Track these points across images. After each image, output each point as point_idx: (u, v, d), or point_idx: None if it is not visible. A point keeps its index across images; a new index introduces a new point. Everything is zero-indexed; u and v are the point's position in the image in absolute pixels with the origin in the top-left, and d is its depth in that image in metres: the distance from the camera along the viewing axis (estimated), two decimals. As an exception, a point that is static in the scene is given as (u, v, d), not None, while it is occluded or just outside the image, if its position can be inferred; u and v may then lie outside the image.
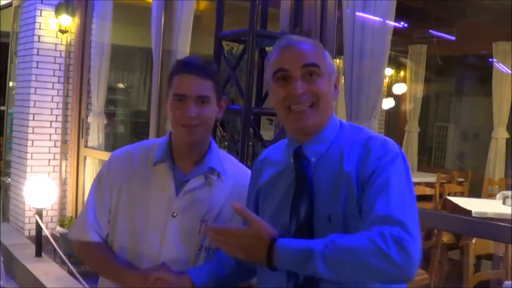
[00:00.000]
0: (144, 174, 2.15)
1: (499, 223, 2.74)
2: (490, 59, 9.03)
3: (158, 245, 2.09)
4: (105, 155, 6.49)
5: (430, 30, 9.42)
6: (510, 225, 2.56)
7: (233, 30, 3.74)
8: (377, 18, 3.77)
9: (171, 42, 5.31)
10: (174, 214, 2.10)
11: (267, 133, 4.05)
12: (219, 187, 2.17)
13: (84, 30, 6.86)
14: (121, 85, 10.72)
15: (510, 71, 8.62)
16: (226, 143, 3.77)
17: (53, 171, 7.14)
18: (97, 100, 6.89)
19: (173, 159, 2.15)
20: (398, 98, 10.98)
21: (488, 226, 2.93)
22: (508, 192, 7.07)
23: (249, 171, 2.31)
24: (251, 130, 3.51)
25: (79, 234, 2.22)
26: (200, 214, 2.12)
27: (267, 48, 3.85)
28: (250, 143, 3.53)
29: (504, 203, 6.24)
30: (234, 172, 2.24)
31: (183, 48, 5.30)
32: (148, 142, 2.29)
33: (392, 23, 3.81)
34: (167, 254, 2.09)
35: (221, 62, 3.80)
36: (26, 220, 6.98)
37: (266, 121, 3.91)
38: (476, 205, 5.95)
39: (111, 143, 8.67)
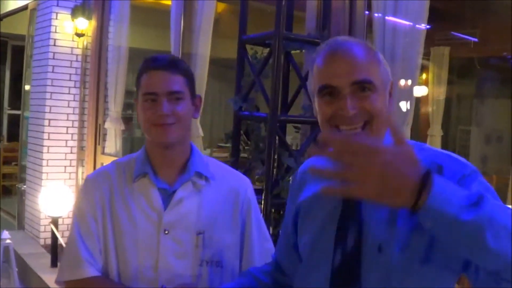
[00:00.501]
0: (125, 192, 1.96)
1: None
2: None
3: (153, 267, 1.90)
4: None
5: (452, 32, 9.23)
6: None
7: (258, 33, 3.56)
8: (408, 22, 3.59)
9: (191, 45, 5.15)
10: (166, 231, 1.91)
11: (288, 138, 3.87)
12: (210, 194, 1.98)
13: (101, 33, 6.73)
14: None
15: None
16: (251, 151, 3.60)
17: (69, 178, 7.01)
18: (115, 105, 6.74)
19: (154, 171, 1.97)
20: (418, 101, 10.78)
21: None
22: (538, 199, 6.89)
23: (240, 173, 2.17)
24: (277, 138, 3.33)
25: (73, 273, 1.95)
26: (194, 225, 1.93)
27: (293, 52, 3.68)
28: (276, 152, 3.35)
29: (535, 210, 6.02)
30: (223, 175, 2.05)
31: (203, 51, 5.14)
32: (123, 159, 2.09)
33: (424, 26, 3.62)
34: (165, 275, 1.90)
35: (244, 67, 3.62)
36: (42, 229, 6.85)
37: (292, 128, 3.73)
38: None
39: (129, 148, 8.53)
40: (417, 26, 3.59)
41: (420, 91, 10.37)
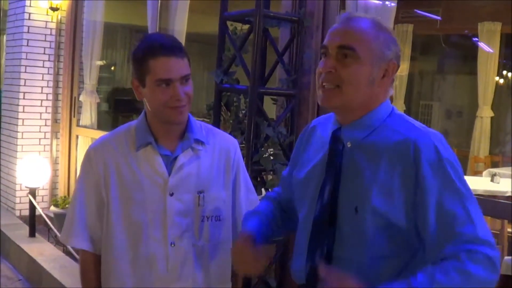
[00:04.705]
0: (129, 160, 2.15)
1: (503, 201, 2.82)
2: (475, 39, 9.11)
3: (162, 226, 2.12)
4: (99, 134, 6.48)
5: (416, 10, 9.46)
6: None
7: (239, 11, 3.73)
8: (378, 1, 3.80)
9: (168, 21, 5.29)
10: (171, 193, 2.12)
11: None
12: (206, 157, 2.20)
13: (76, 8, 6.80)
14: (100, 63, 10.65)
15: (493, 51, 8.70)
16: (231, 121, 3.79)
17: (44, 150, 7.11)
18: (90, 79, 6.86)
19: (156, 140, 2.15)
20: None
21: (488, 203, 3.01)
22: (496, 170, 7.22)
23: (228, 134, 2.42)
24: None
25: (67, 239, 2.23)
26: (195, 186, 2.15)
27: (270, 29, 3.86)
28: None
29: (492, 180, 6.36)
30: (215, 138, 2.27)
31: (180, 27, 5.29)
32: (121, 128, 2.26)
33: (391, 4, 3.84)
34: (173, 233, 2.12)
35: (225, 42, 3.80)
36: (17, 200, 6.96)
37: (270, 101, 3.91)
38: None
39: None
40: (386, 4, 3.80)
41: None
